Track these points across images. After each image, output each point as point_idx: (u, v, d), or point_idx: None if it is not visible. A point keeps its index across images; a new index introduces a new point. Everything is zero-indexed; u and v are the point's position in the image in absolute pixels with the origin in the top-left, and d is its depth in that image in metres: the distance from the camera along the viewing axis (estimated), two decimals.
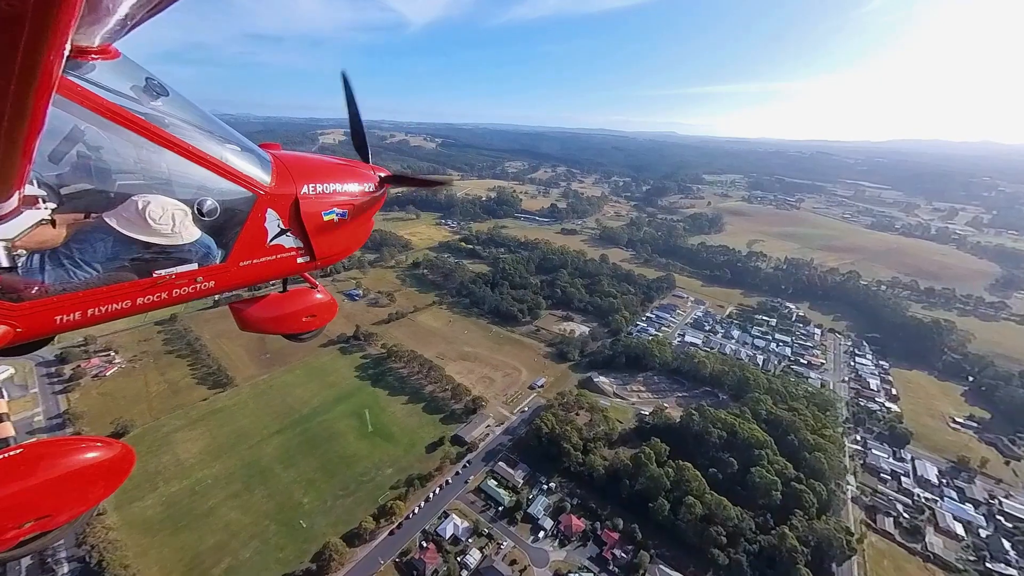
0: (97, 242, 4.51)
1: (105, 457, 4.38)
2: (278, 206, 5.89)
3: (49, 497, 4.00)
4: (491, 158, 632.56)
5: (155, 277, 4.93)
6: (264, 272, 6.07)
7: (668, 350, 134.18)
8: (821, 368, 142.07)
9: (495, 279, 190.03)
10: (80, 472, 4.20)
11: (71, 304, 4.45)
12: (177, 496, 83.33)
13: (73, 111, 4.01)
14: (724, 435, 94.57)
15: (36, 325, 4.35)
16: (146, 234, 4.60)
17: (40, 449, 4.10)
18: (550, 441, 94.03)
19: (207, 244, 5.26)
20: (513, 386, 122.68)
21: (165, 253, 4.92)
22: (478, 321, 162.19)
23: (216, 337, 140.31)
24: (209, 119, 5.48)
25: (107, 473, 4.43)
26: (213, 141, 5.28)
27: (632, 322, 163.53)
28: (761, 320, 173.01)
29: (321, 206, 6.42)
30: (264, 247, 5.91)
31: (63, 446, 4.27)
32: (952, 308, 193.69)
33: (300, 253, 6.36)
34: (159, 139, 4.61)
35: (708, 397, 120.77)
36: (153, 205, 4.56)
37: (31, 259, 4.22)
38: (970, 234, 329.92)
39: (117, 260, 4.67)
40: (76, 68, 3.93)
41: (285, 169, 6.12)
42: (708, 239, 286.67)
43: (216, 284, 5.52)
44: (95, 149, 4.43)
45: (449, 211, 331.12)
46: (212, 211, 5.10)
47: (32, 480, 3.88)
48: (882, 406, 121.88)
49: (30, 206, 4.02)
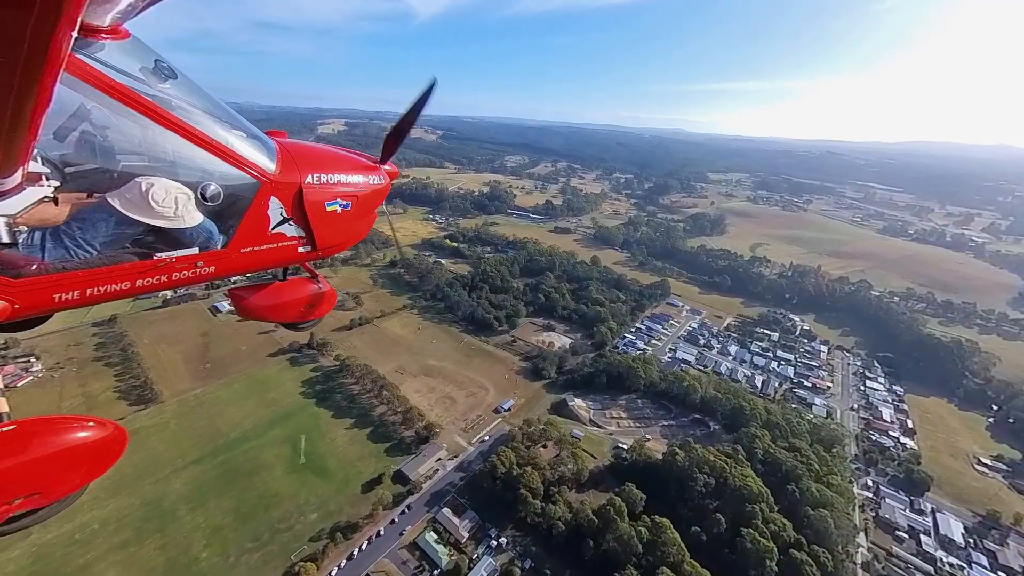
0: (99, 222, 4.47)
1: (97, 437, 4.38)
2: (282, 194, 5.82)
3: (40, 474, 4.03)
4: (491, 151, 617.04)
5: (156, 260, 4.89)
6: (265, 260, 6.02)
7: (655, 370, 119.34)
8: (827, 393, 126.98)
9: (474, 282, 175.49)
10: (72, 451, 4.20)
11: (70, 283, 4.42)
12: (52, 546, 69.58)
13: (81, 89, 3.96)
14: (712, 482, 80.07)
15: (34, 302, 4.31)
16: (148, 216, 4.55)
17: (33, 426, 4.11)
18: (506, 484, 79.83)
19: (209, 229, 5.20)
20: (476, 409, 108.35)
21: (167, 236, 4.89)
22: (450, 329, 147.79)
23: (156, 342, 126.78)
24: (217, 104, 5.41)
25: (99, 453, 4.44)
26: (220, 126, 5.20)
27: (619, 334, 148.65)
28: (762, 334, 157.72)
29: (325, 196, 6.34)
30: (266, 235, 5.84)
31: (56, 424, 4.27)
32: (972, 324, 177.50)
33: (302, 242, 6.29)
34: (166, 122, 4.56)
35: (697, 427, 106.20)
36: (157, 187, 4.51)
37: (32, 236, 4.21)
38: (987, 241, 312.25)
39: (118, 241, 4.65)
40: (85, 47, 3.86)
41: (290, 157, 6.04)
42: (709, 241, 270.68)
43: (216, 269, 5.48)
44: (101, 128, 4.41)
45: (438, 206, 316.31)
46: (215, 196, 5.06)
47: (24, 456, 3.88)
48: (896, 441, 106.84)
49: (33, 183, 4.02)
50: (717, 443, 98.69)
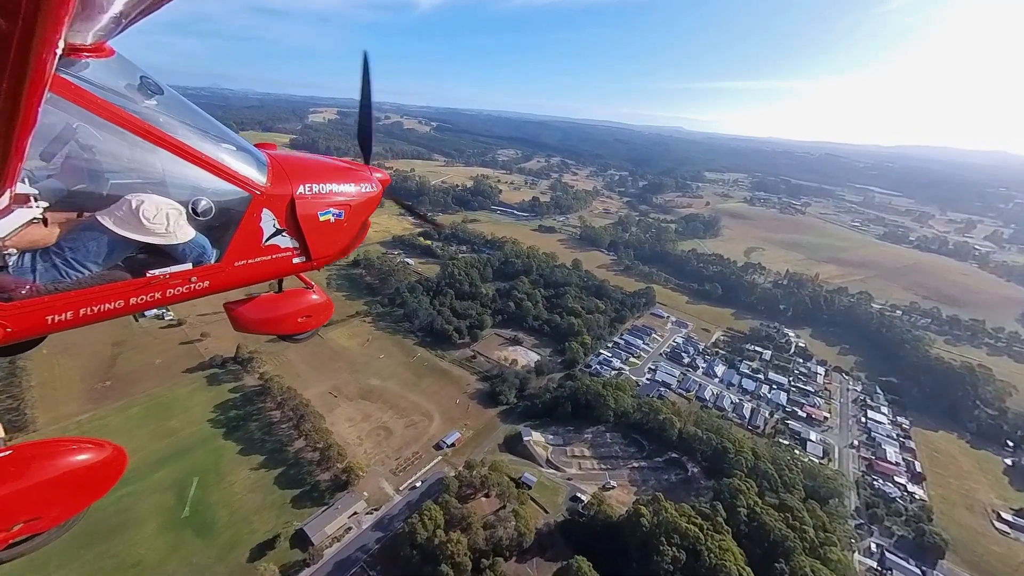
0: (90, 241, 4.42)
1: (96, 459, 4.34)
2: (274, 206, 5.80)
3: (39, 499, 3.98)
4: (485, 145, 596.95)
5: (149, 277, 4.85)
6: (260, 272, 5.99)
7: (629, 397, 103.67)
8: (824, 425, 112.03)
9: (439, 286, 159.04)
10: (71, 474, 4.17)
11: (63, 304, 4.35)
12: None
13: (66, 109, 3.96)
14: (683, 556, 64.62)
15: (27, 325, 4.24)
16: (140, 233, 4.50)
17: (31, 450, 4.06)
18: (425, 556, 64.01)
19: (202, 244, 5.17)
20: (414, 443, 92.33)
21: (159, 253, 4.88)
22: (404, 341, 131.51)
23: (57, 352, 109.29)
24: (204, 118, 5.40)
25: (98, 475, 4.39)
26: (208, 140, 5.17)
27: (594, 350, 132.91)
28: (753, 352, 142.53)
29: (317, 206, 6.34)
30: (260, 247, 5.82)
31: (54, 447, 4.23)
32: (980, 344, 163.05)
33: (296, 253, 6.28)
34: (153, 138, 4.54)
35: (673, 469, 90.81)
36: (147, 204, 4.47)
37: (22, 258, 4.17)
38: (991, 250, 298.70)
39: (110, 260, 4.61)
40: (69, 66, 3.85)
41: (281, 169, 6.04)
42: (702, 245, 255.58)
43: (211, 284, 5.44)
44: (88, 147, 4.39)
45: (418, 200, 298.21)
46: (207, 211, 5.02)
47: (22, 482, 3.85)
48: (903, 490, 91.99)
49: (21, 204, 3.98)
50: (694, 492, 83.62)
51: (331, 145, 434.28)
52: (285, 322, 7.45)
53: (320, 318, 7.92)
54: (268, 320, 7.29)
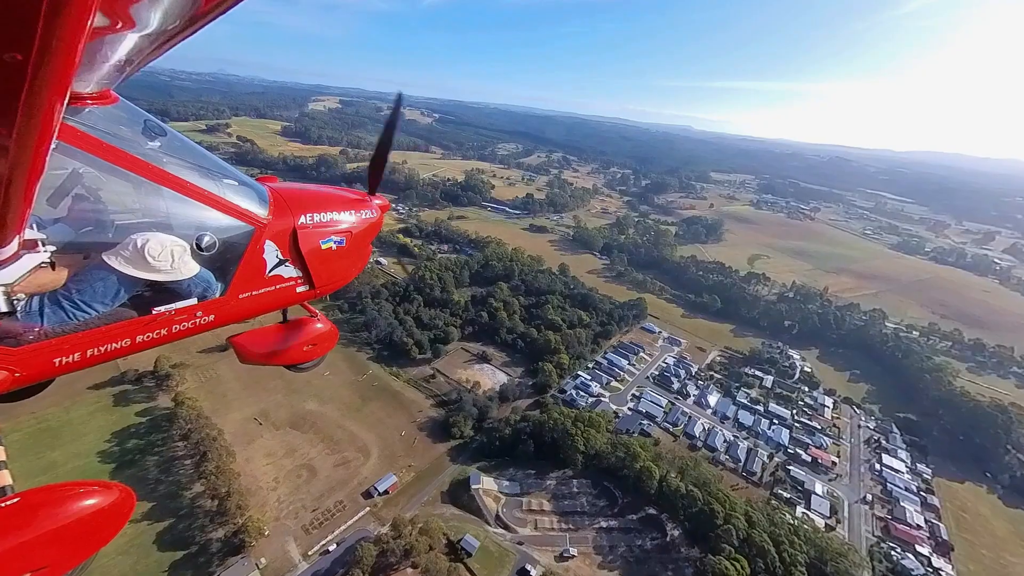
0: (97, 282, 4.46)
1: (104, 503, 4.24)
2: (276, 237, 5.85)
3: (47, 547, 3.86)
4: (485, 138, 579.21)
5: (155, 314, 4.85)
6: (264, 303, 6.00)
7: (603, 435, 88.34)
8: (831, 472, 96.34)
9: (406, 291, 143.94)
10: (80, 520, 4.05)
11: (70, 346, 4.35)
12: None
13: (72, 155, 4.08)
14: None
15: (35, 369, 4.26)
16: (146, 271, 4.55)
17: (37, 497, 3.99)
18: None
19: (206, 278, 5.22)
20: (339, 490, 77.21)
21: (165, 289, 4.91)
22: (357, 354, 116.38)
23: None
24: (205, 156, 5.52)
25: (107, 519, 4.29)
26: (210, 177, 5.26)
27: (572, 370, 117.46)
28: (752, 377, 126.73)
29: (319, 235, 6.39)
30: (263, 279, 5.86)
31: (61, 492, 4.14)
32: (1007, 374, 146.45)
33: (300, 282, 6.30)
34: (157, 178, 4.62)
35: (649, 531, 75.49)
36: (152, 242, 4.52)
37: (30, 303, 4.18)
38: (1012, 264, 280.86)
39: (117, 299, 4.62)
40: (75, 113, 3.95)
41: (282, 200, 6.10)
42: (702, 250, 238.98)
43: (216, 318, 5.47)
44: (94, 191, 4.52)
45: (405, 194, 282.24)
46: (211, 245, 5.07)
47: (30, 531, 3.75)
48: (927, 565, 76.43)
49: (30, 250, 4.03)
50: (672, 565, 68.44)
51: (323, 135, 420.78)
52: (290, 352, 7.38)
53: (325, 346, 7.80)
54: (274, 351, 7.24)
